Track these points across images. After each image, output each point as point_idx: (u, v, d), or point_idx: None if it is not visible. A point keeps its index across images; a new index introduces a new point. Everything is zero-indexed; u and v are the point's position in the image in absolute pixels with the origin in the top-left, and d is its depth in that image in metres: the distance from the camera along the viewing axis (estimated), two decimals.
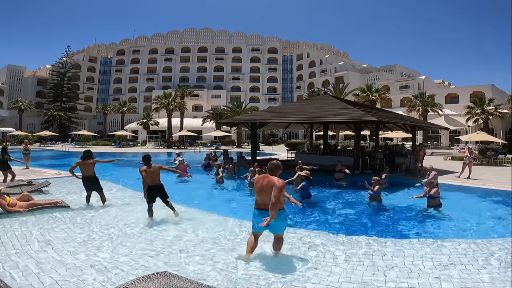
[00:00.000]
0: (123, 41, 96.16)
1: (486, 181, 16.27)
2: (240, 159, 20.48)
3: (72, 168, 9.93)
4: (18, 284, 4.79)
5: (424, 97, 45.70)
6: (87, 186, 9.98)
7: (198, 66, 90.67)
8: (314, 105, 20.86)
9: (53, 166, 21.66)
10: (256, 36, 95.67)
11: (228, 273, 5.37)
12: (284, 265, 5.71)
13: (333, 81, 67.07)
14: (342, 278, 5.24)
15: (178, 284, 4.45)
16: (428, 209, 9.82)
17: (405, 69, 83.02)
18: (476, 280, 5.18)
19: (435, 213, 9.66)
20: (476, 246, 6.70)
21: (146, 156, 8.81)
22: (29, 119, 68.55)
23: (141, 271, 5.33)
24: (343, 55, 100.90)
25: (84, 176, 9.91)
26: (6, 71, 75.79)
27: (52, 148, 45.23)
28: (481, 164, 25.27)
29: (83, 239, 6.90)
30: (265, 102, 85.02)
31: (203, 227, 8.00)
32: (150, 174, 8.55)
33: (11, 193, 10.27)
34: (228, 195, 13.35)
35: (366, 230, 8.27)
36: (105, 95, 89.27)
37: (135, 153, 38.24)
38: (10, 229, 7.42)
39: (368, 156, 19.60)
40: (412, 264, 5.81)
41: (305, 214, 9.74)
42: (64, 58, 73.92)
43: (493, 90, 51.58)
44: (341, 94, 48.90)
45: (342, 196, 12.81)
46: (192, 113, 75.31)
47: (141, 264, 5.68)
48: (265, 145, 56.36)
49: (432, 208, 9.78)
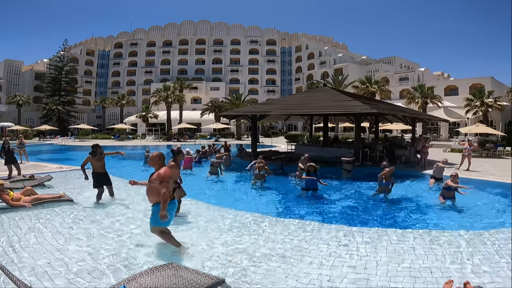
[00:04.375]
0: (120, 34, 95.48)
1: (485, 173, 16.36)
2: (240, 152, 20.54)
3: (83, 164, 9.76)
4: (29, 282, 4.85)
5: (423, 89, 45.67)
6: (98, 181, 9.74)
7: (196, 58, 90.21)
8: (314, 97, 20.89)
9: (54, 160, 21.68)
10: (255, 28, 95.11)
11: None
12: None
13: (332, 73, 66.85)
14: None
15: (185, 275, 4.52)
16: (446, 201, 9.94)
17: (404, 61, 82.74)
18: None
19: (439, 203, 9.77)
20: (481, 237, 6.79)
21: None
22: (28, 114, 68.32)
23: (150, 262, 5.40)
24: (342, 46, 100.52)
25: (95, 171, 9.75)
26: (4, 66, 75.30)
27: (52, 142, 45.18)
28: (480, 156, 25.35)
29: (87, 232, 6.96)
30: (264, 94, 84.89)
31: (205, 218, 8.08)
32: None
33: (14, 187, 10.32)
34: (235, 188, 13.39)
35: (381, 221, 8.39)
36: (104, 88, 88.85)
37: (135, 146, 38.38)
38: (15, 223, 7.47)
39: (368, 148, 19.66)
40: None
41: (314, 207, 9.84)
42: (61, 51, 73.49)
43: (492, 82, 51.51)
44: (341, 86, 48.89)
45: (352, 187, 12.95)
46: (191, 106, 75.14)
47: (149, 256, 5.76)
48: (265, 137, 56.42)
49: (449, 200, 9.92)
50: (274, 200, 10.90)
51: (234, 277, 4.99)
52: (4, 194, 8.56)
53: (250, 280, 4.92)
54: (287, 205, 10.29)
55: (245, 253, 5.98)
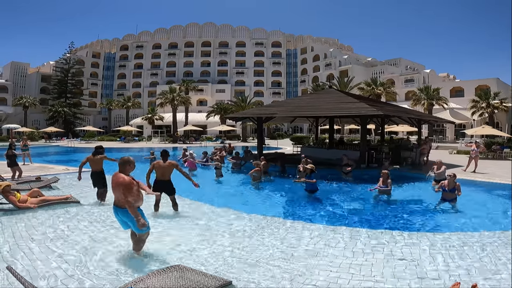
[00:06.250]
0: (126, 36, 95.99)
1: (492, 175, 16.25)
2: (246, 154, 20.56)
3: (82, 164, 9.88)
4: (36, 283, 4.87)
5: (429, 91, 45.43)
6: (93, 181, 9.94)
7: (202, 60, 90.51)
8: (320, 99, 20.85)
9: (60, 162, 21.80)
10: (260, 30, 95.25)
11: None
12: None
13: (338, 75, 66.77)
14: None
15: (191, 276, 4.54)
16: (444, 203, 9.83)
17: (409, 63, 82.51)
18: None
19: (446, 205, 9.71)
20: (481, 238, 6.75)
21: (164, 151, 9.04)
22: (34, 116, 68.78)
23: (157, 264, 5.42)
24: (348, 48, 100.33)
25: (92, 171, 9.94)
26: (10, 68, 75.95)
27: (58, 144, 45.43)
28: (486, 158, 25.18)
29: (95, 234, 6.99)
30: (269, 96, 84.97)
31: (210, 220, 8.09)
32: (160, 168, 8.71)
33: (20, 189, 10.37)
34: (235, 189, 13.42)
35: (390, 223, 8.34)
36: (109, 90, 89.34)
37: (141, 148, 38.46)
38: (22, 224, 7.52)
39: (374, 150, 19.60)
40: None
41: (314, 208, 9.82)
42: (67, 54, 73.83)
43: (498, 83, 51.24)
44: (346, 88, 48.70)
45: (353, 189, 12.83)
46: (197, 108, 75.33)
47: (156, 257, 5.77)
48: (270, 139, 56.41)
49: (447, 202, 9.81)
50: (274, 202, 10.97)
51: (239, 278, 4.99)
52: (11, 196, 8.61)
53: (256, 281, 4.92)
54: (286, 206, 10.36)
55: (249, 254, 5.98)
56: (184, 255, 5.93)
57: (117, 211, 5.59)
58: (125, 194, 5.29)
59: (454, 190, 9.71)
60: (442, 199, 9.86)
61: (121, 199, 5.38)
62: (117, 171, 5.58)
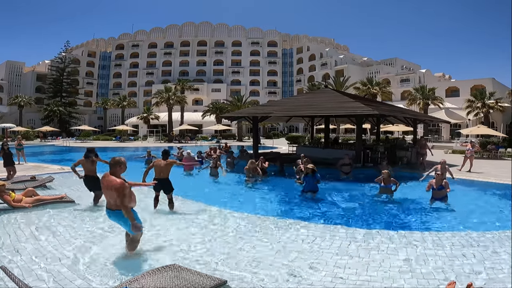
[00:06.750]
0: (122, 35, 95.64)
1: (487, 175, 16.33)
2: (242, 153, 20.56)
3: (74, 166, 9.71)
4: (30, 283, 4.84)
5: (424, 91, 45.63)
6: (88, 185, 9.68)
7: (198, 60, 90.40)
8: (316, 98, 20.87)
9: (55, 161, 21.70)
10: (256, 29, 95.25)
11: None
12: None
13: (334, 75, 66.88)
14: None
15: (187, 276, 4.51)
16: (435, 202, 9.86)
17: (405, 62, 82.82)
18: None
19: (442, 205, 9.72)
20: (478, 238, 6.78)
21: (165, 151, 9.29)
22: (29, 115, 68.35)
23: (152, 263, 5.40)
24: (343, 48, 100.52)
25: (85, 174, 9.70)
26: (5, 67, 75.45)
27: (53, 144, 45.21)
28: (481, 157, 25.29)
29: (90, 233, 6.96)
30: (265, 96, 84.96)
31: (206, 220, 8.08)
32: (158, 167, 8.82)
33: (15, 188, 10.29)
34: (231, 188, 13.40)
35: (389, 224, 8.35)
36: (105, 89, 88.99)
37: (136, 147, 38.36)
38: (16, 224, 7.48)
39: (369, 149, 19.63)
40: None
41: (311, 207, 9.82)
42: (63, 53, 73.52)
43: (493, 83, 51.46)
44: (342, 87, 48.84)
45: (352, 189, 12.86)
46: (193, 107, 75.24)
47: (151, 257, 5.76)
48: (266, 138, 56.37)
49: (438, 200, 9.82)
50: (271, 201, 10.94)
51: (235, 278, 4.98)
52: (5, 195, 8.55)
53: (251, 281, 4.92)
54: (286, 206, 10.30)
55: (245, 253, 5.98)
56: (179, 254, 5.91)
57: (110, 214, 5.57)
58: (118, 197, 5.25)
59: (442, 188, 9.73)
60: (433, 198, 9.90)
61: (113, 202, 5.36)
62: (108, 172, 5.52)
